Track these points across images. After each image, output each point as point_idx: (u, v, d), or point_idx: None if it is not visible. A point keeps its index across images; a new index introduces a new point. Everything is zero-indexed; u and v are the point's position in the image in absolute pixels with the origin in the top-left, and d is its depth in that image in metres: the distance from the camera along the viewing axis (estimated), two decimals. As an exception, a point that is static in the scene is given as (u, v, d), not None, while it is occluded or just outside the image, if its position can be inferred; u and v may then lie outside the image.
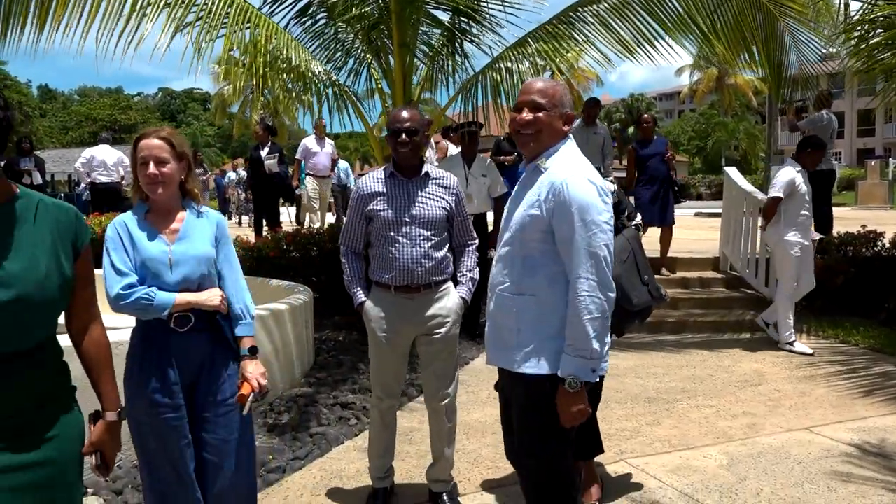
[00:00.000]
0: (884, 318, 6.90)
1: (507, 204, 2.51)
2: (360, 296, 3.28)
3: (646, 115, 8.66)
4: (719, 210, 8.83)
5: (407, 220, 3.15)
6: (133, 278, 2.40)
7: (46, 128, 57.79)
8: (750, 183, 8.43)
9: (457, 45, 6.71)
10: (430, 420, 3.40)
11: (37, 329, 1.75)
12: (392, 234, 3.15)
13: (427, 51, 6.62)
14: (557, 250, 2.23)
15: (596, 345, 2.15)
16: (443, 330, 3.22)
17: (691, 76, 47.18)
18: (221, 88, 36.98)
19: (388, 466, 3.44)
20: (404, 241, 3.14)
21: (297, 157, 11.04)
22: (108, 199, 11.65)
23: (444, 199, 3.23)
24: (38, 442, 1.74)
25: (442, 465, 3.40)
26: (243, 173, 15.81)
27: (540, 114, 2.30)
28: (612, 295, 2.21)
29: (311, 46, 6.46)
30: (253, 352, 2.54)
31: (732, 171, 8.38)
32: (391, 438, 3.43)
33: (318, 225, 10.59)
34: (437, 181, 3.26)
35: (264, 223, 10.05)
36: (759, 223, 6.82)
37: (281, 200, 10.85)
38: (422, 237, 3.15)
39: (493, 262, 2.46)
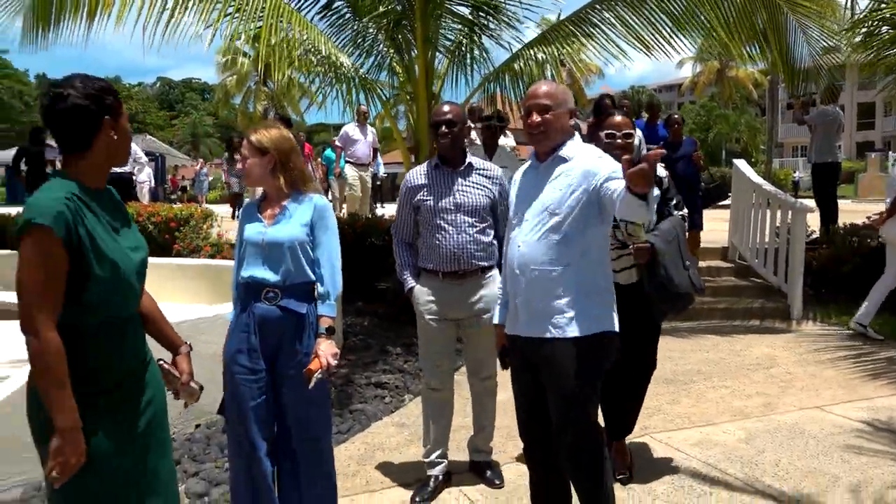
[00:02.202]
0: (889, 305, 7.12)
1: (521, 191, 2.74)
2: (410, 282, 3.46)
3: (675, 116, 8.41)
4: (724, 201, 9.06)
5: (451, 208, 3.33)
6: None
7: (45, 118, 57.72)
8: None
9: (476, 39, 6.91)
10: (472, 396, 3.62)
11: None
12: (438, 222, 3.34)
13: (448, 46, 6.82)
14: (587, 226, 2.51)
15: None
16: (487, 315, 3.33)
17: (694, 68, 47.33)
18: (224, 79, 37.11)
19: (440, 453, 3.54)
20: (450, 228, 3.32)
21: (338, 144, 10.80)
22: (119, 188, 11.86)
23: (487, 188, 3.40)
24: (146, 382, 2.12)
25: (484, 437, 3.63)
26: None
27: (548, 115, 2.58)
28: None
29: (335, 41, 6.66)
30: (329, 331, 2.77)
31: (741, 164, 8.62)
32: (444, 427, 3.55)
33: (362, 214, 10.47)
34: (481, 171, 3.44)
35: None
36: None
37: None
38: (466, 224, 3.33)
39: (520, 243, 2.65)
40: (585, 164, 2.55)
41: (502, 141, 9.86)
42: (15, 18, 5.18)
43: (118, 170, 12.37)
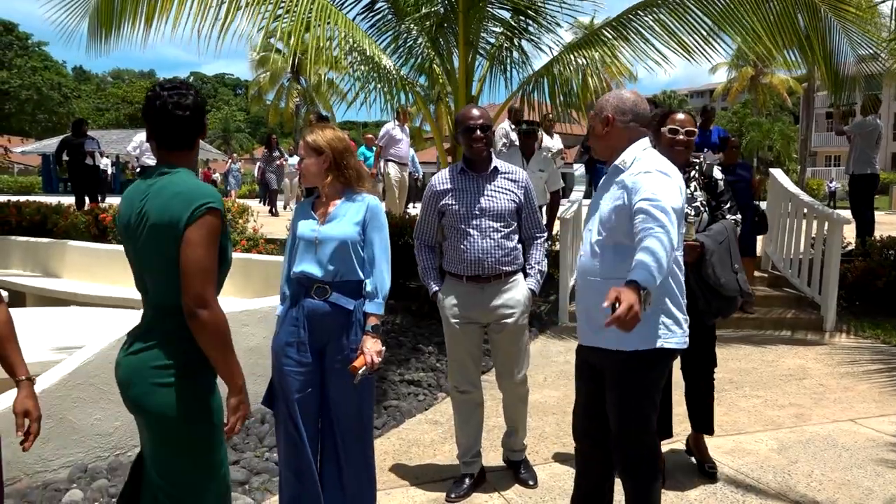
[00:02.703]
0: (923, 321, 7.07)
1: (593, 198, 2.78)
2: (434, 286, 3.47)
3: (733, 139, 7.89)
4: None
5: (477, 213, 3.33)
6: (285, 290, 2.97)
7: (83, 109, 58.85)
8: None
9: (515, 42, 6.98)
10: (503, 397, 3.62)
11: None
12: (463, 227, 3.34)
13: (488, 49, 6.89)
14: None
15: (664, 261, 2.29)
16: (511, 319, 3.38)
17: (728, 74, 46.77)
18: (258, 76, 37.54)
19: (473, 452, 3.57)
20: (475, 233, 3.32)
21: (381, 143, 10.80)
22: None
23: (513, 192, 3.39)
24: None
25: (517, 438, 3.67)
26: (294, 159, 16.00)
27: (608, 127, 2.61)
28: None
29: (377, 42, 6.76)
30: (375, 329, 2.86)
31: (778, 173, 8.57)
32: (476, 428, 3.57)
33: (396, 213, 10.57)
34: (507, 175, 3.42)
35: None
36: None
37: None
38: (492, 229, 3.33)
39: (581, 252, 2.73)
40: (630, 179, 2.50)
41: (548, 142, 9.87)
42: (80, 23, 5.38)
43: (152, 163, 12.58)
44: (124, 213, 2.08)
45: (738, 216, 3.50)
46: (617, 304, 2.14)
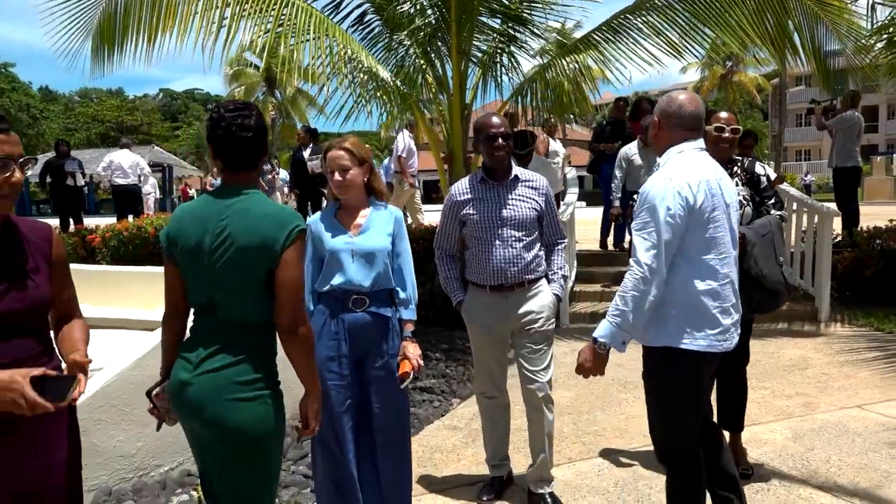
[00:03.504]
0: (913, 306, 7.25)
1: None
2: (458, 295, 3.44)
3: (748, 139, 7.53)
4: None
5: (498, 222, 3.29)
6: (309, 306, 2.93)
7: (52, 129, 58.06)
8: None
9: (506, 50, 7.06)
10: (528, 418, 3.43)
11: None
12: (485, 236, 3.30)
13: (480, 57, 6.96)
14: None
15: (630, 317, 2.47)
16: (536, 325, 3.33)
17: (700, 73, 47.39)
18: (233, 90, 37.37)
19: (501, 455, 3.59)
20: (497, 242, 3.28)
21: (402, 154, 10.46)
22: (126, 199, 12.24)
23: (534, 199, 3.35)
24: None
25: (541, 465, 3.41)
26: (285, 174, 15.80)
27: (656, 130, 2.70)
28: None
29: (371, 53, 6.81)
30: (414, 335, 2.89)
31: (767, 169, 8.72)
32: (503, 432, 3.57)
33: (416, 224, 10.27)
34: (527, 183, 3.38)
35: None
36: None
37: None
38: (514, 238, 3.28)
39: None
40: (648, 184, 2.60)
41: (554, 146, 9.95)
42: (83, 44, 5.37)
43: (122, 182, 12.51)
44: (193, 233, 2.06)
45: (784, 212, 3.57)
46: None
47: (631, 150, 6.65)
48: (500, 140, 3.28)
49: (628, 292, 2.49)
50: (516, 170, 3.39)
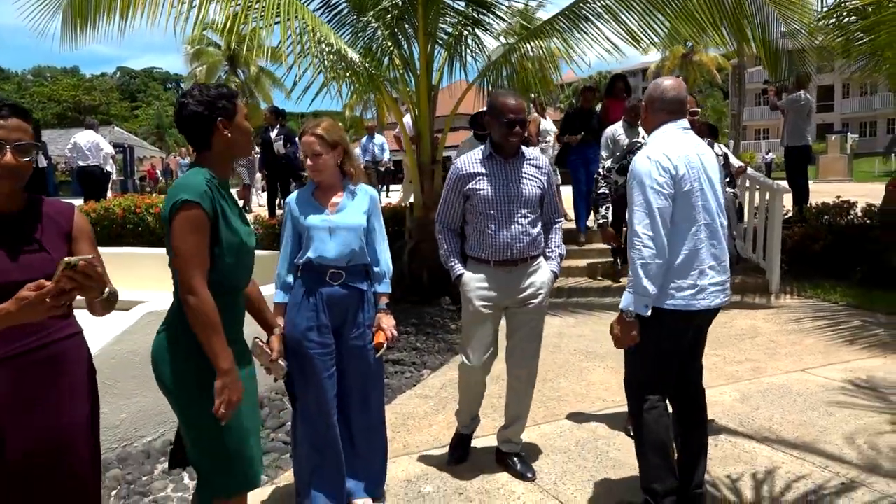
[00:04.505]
0: (858, 278, 7.66)
1: None
2: (458, 269, 3.43)
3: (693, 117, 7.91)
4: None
5: (507, 199, 3.31)
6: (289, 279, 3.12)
7: (6, 110, 56.35)
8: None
9: (471, 31, 7.21)
10: (509, 386, 3.56)
11: None
12: (492, 212, 3.31)
13: (446, 39, 7.11)
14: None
15: (643, 283, 2.75)
16: (535, 301, 3.40)
17: (663, 52, 47.98)
18: (194, 69, 36.77)
19: (474, 415, 3.71)
20: (504, 219, 3.30)
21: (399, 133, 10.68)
22: (87, 182, 12.05)
23: (538, 178, 3.39)
24: (244, 351, 2.42)
25: (516, 429, 3.59)
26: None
27: (646, 114, 3.04)
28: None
29: (339, 35, 6.91)
30: (388, 306, 3.09)
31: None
32: (480, 395, 3.64)
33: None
34: (531, 161, 3.41)
35: (278, 203, 10.49)
36: None
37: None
38: (520, 215, 3.32)
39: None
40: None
41: (545, 125, 10.08)
42: (53, 17, 5.39)
43: (83, 164, 12.32)
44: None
45: (737, 189, 3.82)
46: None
47: (617, 130, 6.84)
48: (518, 127, 3.31)
49: (635, 262, 2.77)
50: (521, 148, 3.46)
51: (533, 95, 8.46)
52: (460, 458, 3.72)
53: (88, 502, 2.15)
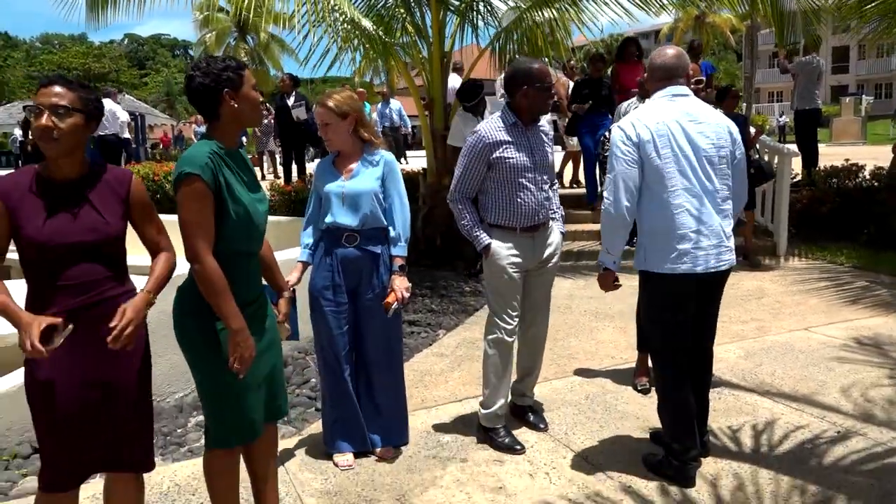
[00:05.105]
0: (864, 240, 7.79)
1: None
2: (486, 238, 3.41)
3: (734, 88, 7.20)
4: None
5: (531, 166, 3.37)
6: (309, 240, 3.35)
7: (15, 78, 56.48)
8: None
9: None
10: (523, 343, 3.68)
11: None
12: (521, 180, 3.35)
13: (458, 5, 7.16)
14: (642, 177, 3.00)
15: (609, 241, 3.08)
16: (553, 261, 3.55)
17: (675, 14, 47.31)
18: (203, 36, 36.62)
19: (502, 399, 3.57)
20: (532, 186, 3.37)
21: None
22: (106, 150, 12.16)
23: (549, 144, 3.50)
24: (267, 310, 2.60)
25: (530, 381, 3.77)
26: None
27: (648, 83, 3.20)
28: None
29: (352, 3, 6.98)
30: (402, 269, 3.27)
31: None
32: (509, 375, 3.59)
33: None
34: (542, 128, 3.49)
35: (294, 170, 10.62)
36: None
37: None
38: (542, 181, 3.42)
39: None
40: None
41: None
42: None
43: (101, 132, 12.45)
44: None
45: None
46: None
47: (631, 104, 6.93)
48: (550, 91, 3.42)
49: (603, 224, 3.05)
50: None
51: (565, 59, 8.44)
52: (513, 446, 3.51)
53: (137, 446, 2.36)
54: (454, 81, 9.29)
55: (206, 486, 2.60)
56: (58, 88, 2.13)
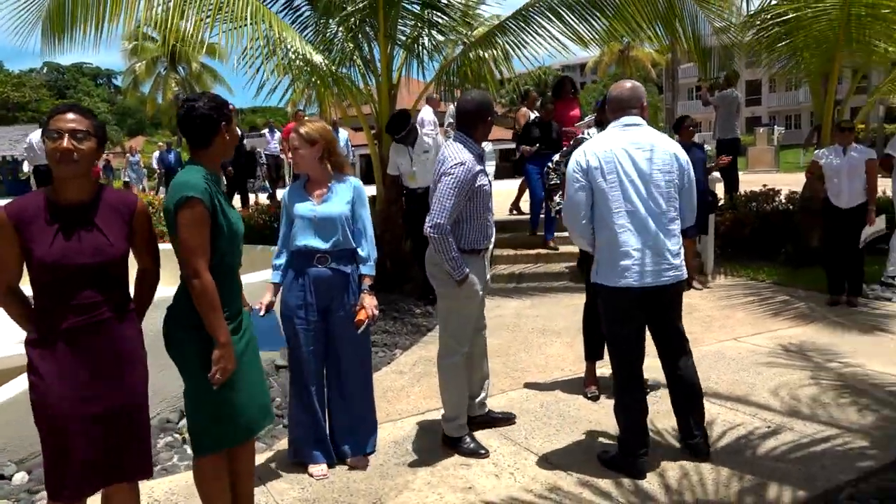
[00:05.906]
0: (782, 259, 8.41)
1: None
2: (465, 268, 3.47)
3: (689, 118, 7.50)
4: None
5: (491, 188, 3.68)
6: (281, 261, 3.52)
7: (-72, 108, 53.84)
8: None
9: (428, 33, 7.61)
10: (475, 352, 3.88)
11: None
12: (490, 204, 3.64)
13: (404, 40, 7.49)
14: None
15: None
16: (488, 277, 3.87)
17: (602, 47, 49.31)
18: (133, 65, 36.03)
19: (462, 411, 3.79)
20: (491, 206, 3.67)
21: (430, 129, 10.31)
22: (44, 181, 11.94)
23: None
24: (248, 322, 2.78)
25: (485, 390, 4.05)
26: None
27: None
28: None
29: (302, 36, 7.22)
30: (371, 288, 3.49)
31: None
32: (466, 385, 3.80)
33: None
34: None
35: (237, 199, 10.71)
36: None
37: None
38: (491, 201, 3.72)
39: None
40: None
41: (427, 115, 10.30)
42: (34, 28, 5.57)
43: (38, 163, 12.29)
44: None
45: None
46: None
47: (591, 132, 7.27)
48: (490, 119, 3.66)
49: (574, 239, 3.47)
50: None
51: (525, 89, 8.79)
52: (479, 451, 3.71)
53: (136, 454, 2.51)
54: (426, 113, 9.64)
55: (198, 494, 2.75)
56: (74, 115, 2.31)
